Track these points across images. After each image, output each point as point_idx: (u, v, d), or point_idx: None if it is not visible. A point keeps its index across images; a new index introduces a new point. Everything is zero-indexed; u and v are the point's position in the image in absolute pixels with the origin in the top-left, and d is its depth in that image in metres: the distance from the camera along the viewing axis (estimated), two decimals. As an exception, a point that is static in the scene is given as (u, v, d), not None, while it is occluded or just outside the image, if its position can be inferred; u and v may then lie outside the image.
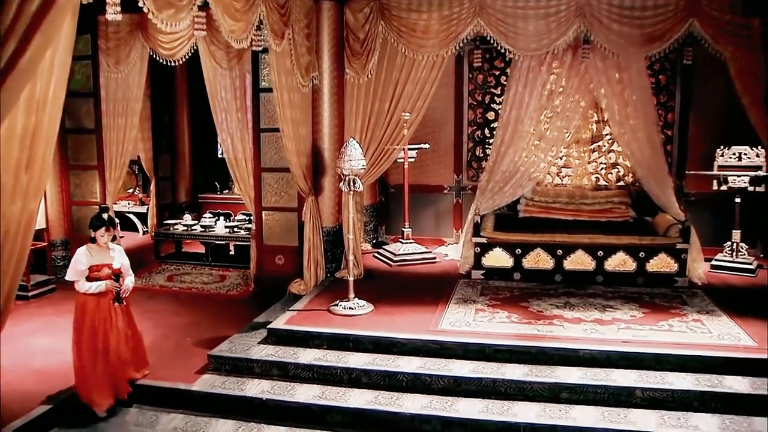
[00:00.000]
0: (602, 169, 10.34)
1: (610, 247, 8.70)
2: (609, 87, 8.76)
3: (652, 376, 6.27)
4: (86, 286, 6.11)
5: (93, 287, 6.12)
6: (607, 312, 7.61)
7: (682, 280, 8.65)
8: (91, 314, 6.14)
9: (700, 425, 5.76)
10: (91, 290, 6.11)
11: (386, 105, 8.36)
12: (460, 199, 10.80)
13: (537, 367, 6.44)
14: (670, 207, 8.96)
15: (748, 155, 9.28)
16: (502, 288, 8.52)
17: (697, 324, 7.25)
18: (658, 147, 8.99)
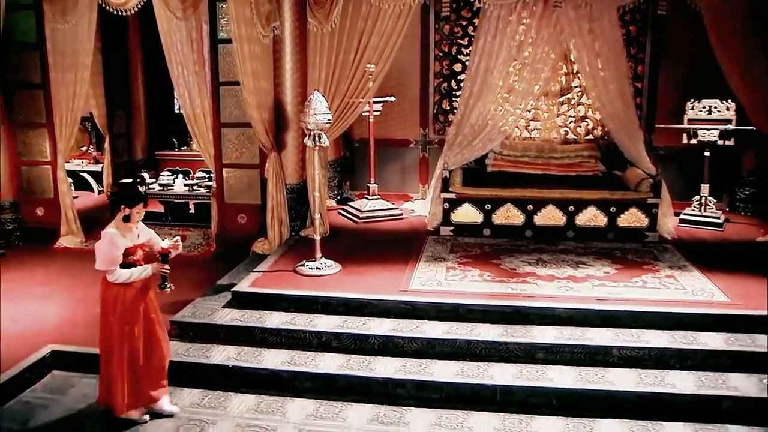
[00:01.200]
0: (571, 123, 10.16)
1: (581, 201, 8.56)
2: (580, 38, 8.49)
3: (628, 335, 6.17)
4: (125, 274, 5.03)
5: (135, 274, 5.08)
6: (580, 269, 7.48)
7: (652, 234, 8.57)
8: (131, 309, 5.13)
9: (677, 383, 5.70)
10: (134, 278, 5.08)
11: (351, 56, 7.99)
12: (427, 153, 10.55)
13: (512, 327, 6.29)
14: (641, 161, 8.82)
15: (719, 108, 9.18)
16: (473, 245, 8.34)
17: (670, 280, 7.17)
18: (629, 100, 8.80)
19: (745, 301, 6.60)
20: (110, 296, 5.10)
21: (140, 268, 5.12)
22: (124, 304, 5.09)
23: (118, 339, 5.11)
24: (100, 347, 5.26)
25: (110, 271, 5.03)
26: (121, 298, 5.09)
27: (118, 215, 5.09)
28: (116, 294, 5.08)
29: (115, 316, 5.10)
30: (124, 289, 5.09)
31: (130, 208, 5.05)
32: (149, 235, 5.29)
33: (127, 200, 5.08)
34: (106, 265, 5.02)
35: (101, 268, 5.04)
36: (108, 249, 4.99)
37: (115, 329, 5.11)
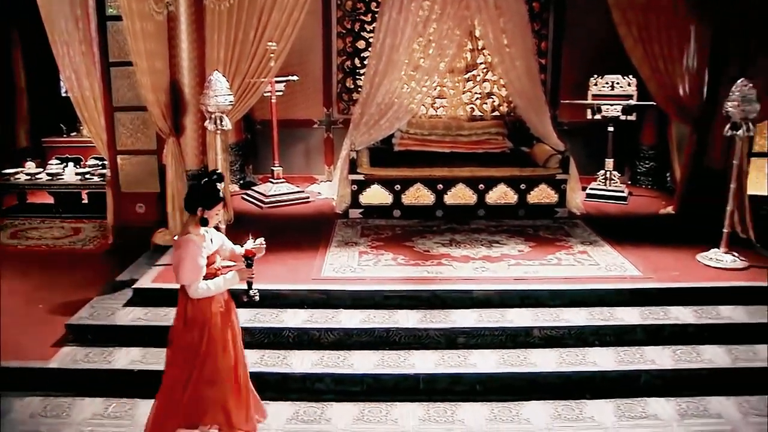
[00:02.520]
0: (477, 99, 10.06)
1: (491, 179, 8.49)
2: (486, 14, 8.36)
3: (547, 314, 6.15)
4: (212, 285, 4.30)
5: (222, 284, 4.35)
6: (494, 248, 7.40)
7: (562, 210, 8.61)
8: (223, 328, 4.42)
9: (597, 360, 5.72)
10: (222, 289, 4.38)
11: (251, 34, 7.54)
12: (331, 133, 10.22)
13: (431, 312, 6.13)
14: (549, 137, 8.83)
15: (621, 84, 9.30)
16: (383, 227, 8.13)
17: (583, 256, 7.19)
18: (535, 76, 8.78)
19: (656, 274, 6.70)
20: (199, 316, 4.32)
21: (227, 277, 4.41)
22: (213, 322, 4.37)
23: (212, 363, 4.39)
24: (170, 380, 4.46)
25: (192, 286, 4.26)
26: (209, 316, 4.35)
27: (191, 219, 4.31)
28: (204, 311, 4.33)
29: (204, 337, 4.34)
30: (214, 301, 4.40)
31: (209, 210, 4.28)
32: (221, 239, 4.59)
33: (205, 201, 4.27)
34: (192, 277, 4.24)
35: (187, 281, 4.25)
36: (193, 259, 4.21)
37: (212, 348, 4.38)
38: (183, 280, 4.26)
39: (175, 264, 4.25)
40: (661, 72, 8.16)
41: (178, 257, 4.22)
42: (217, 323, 4.37)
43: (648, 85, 8.39)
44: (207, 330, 4.33)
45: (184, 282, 4.27)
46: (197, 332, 4.32)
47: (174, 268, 4.27)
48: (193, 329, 4.32)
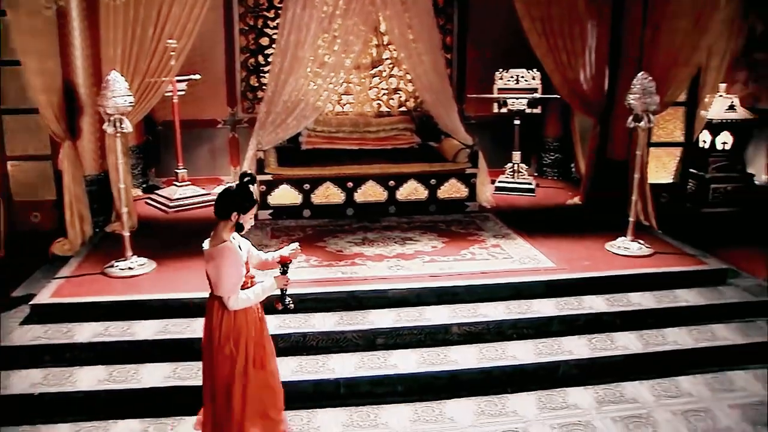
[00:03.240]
0: (384, 95, 9.98)
1: (401, 176, 8.42)
2: (392, 9, 8.28)
3: (465, 310, 6.12)
4: (251, 295, 4.12)
5: (261, 293, 4.17)
6: (407, 245, 7.34)
7: (472, 204, 8.64)
8: (259, 340, 4.24)
9: (517, 354, 5.73)
10: (261, 298, 4.19)
11: (150, 31, 7.16)
12: (236, 133, 9.89)
13: (348, 314, 5.99)
14: (458, 131, 8.84)
15: (526, 78, 9.41)
16: (294, 228, 7.94)
17: (497, 249, 7.22)
18: (442, 71, 8.76)
19: (568, 265, 6.79)
20: (236, 326, 4.10)
21: (265, 285, 4.19)
22: (251, 333, 4.16)
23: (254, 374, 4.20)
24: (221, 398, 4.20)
25: (232, 298, 4.04)
26: (248, 327, 4.15)
27: (224, 224, 4.06)
28: (240, 322, 4.12)
29: (242, 349, 4.13)
30: (250, 312, 4.17)
31: (244, 214, 4.06)
32: (248, 245, 4.31)
33: (241, 205, 4.04)
34: (234, 288, 4.03)
35: (229, 293, 4.03)
36: (233, 268, 4.01)
37: (251, 359, 4.18)
38: (224, 292, 4.03)
39: (215, 275, 4.03)
40: (564, 66, 8.30)
41: (217, 268, 4.00)
42: (252, 334, 4.18)
43: (552, 78, 8.52)
44: (244, 341, 4.13)
45: (225, 294, 4.03)
46: (235, 345, 4.11)
47: (213, 279, 4.05)
48: (230, 342, 4.10)
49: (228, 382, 4.14)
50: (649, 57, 8.11)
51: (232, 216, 4.02)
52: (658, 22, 8.00)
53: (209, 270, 4.06)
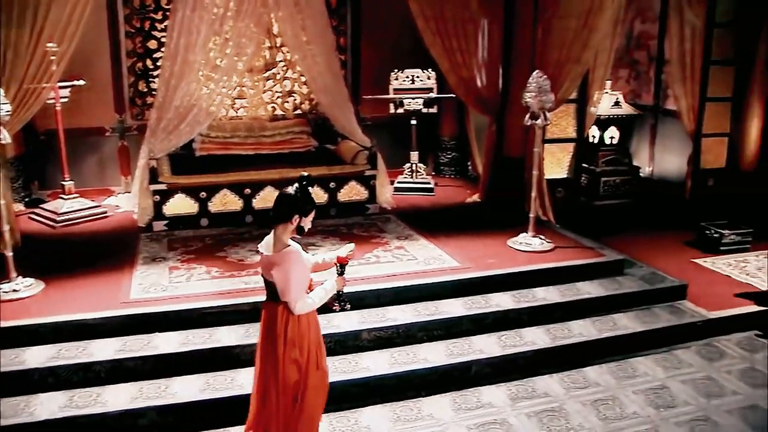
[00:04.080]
0: (278, 98, 9.75)
1: (301, 180, 8.23)
2: (284, 10, 8.09)
3: (373, 315, 6.03)
4: (315, 298, 4.08)
5: (324, 296, 4.12)
6: (310, 251, 7.03)
7: (372, 206, 8.57)
8: (318, 343, 4.21)
9: (429, 357, 5.69)
10: (324, 300, 4.14)
11: (26, 34, 6.67)
12: (126, 141, 9.40)
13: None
14: (355, 133, 8.74)
15: (421, 78, 9.44)
16: (192, 238, 7.62)
17: (401, 251, 7.17)
18: (338, 72, 8.65)
19: (473, 264, 6.82)
20: (300, 330, 4.04)
21: (327, 288, 4.15)
22: (312, 336, 4.14)
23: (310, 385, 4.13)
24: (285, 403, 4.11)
25: (301, 301, 3.98)
26: (311, 330, 4.12)
27: (284, 228, 3.99)
28: (303, 326, 4.07)
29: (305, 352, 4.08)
30: (309, 317, 4.10)
31: (305, 217, 4.00)
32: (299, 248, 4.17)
33: (302, 208, 3.97)
34: (301, 292, 4.00)
35: (296, 298, 3.97)
36: (301, 271, 3.99)
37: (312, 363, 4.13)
38: (293, 297, 3.97)
39: (282, 280, 3.94)
40: (459, 65, 8.36)
41: (285, 272, 3.93)
42: (313, 337, 4.17)
43: (448, 78, 8.57)
44: (307, 344, 4.10)
45: (294, 298, 3.97)
46: (300, 349, 4.07)
47: (281, 284, 3.96)
48: (296, 347, 4.05)
49: (296, 386, 4.09)
50: (541, 55, 8.26)
51: (293, 219, 3.96)
52: (549, 21, 8.16)
53: (275, 275, 3.97)
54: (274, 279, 3.98)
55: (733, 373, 5.85)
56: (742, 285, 7.19)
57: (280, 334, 4.03)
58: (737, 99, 9.47)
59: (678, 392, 5.52)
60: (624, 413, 5.23)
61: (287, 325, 4.02)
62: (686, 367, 5.94)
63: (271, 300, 4.09)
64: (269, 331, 4.08)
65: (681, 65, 9.08)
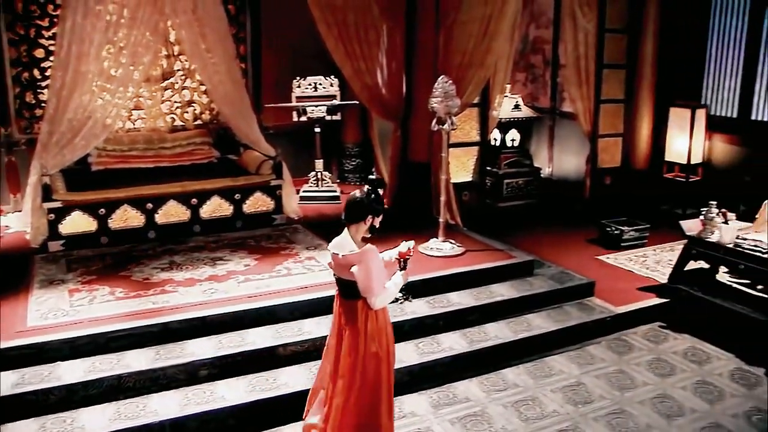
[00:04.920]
0: (177, 109, 9.41)
1: (204, 192, 8.00)
2: (182, 17, 7.81)
3: (288, 329, 5.91)
4: (390, 293, 4.27)
5: (395, 289, 4.32)
6: (219, 265, 6.96)
7: (279, 217, 8.42)
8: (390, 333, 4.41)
9: (348, 369, 5.56)
10: (395, 294, 4.34)
11: None
12: (14, 156, 8.81)
13: (165, 348, 5.53)
14: (259, 143, 8.55)
15: (324, 85, 9.34)
16: (92, 257, 7.22)
17: (312, 262, 7.06)
18: (239, 81, 8.44)
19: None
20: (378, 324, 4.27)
21: (396, 282, 4.34)
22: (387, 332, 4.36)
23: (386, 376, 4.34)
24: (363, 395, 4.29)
25: (380, 296, 4.18)
26: (384, 326, 4.32)
27: (356, 228, 4.23)
28: (381, 320, 4.30)
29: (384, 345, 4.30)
30: (384, 314, 4.34)
31: (377, 217, 4.25)
32: None
33: (375, 208, 4.23)
34: (381, 287, 4.18)
35: (377, 293, 4.16)
36: (380, 268, 4.17)
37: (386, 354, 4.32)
38: (375, 292, 4.15)
39: (364, 277, 4.12)
40: (363, 72, 8.31)
41: (366, 270, 4.11)
42: (389, 330, 4.40)
43: (351, 84, 8.50)
44: (385, 338, 4.32)
45: (375, 293, 4.16)
46: (379, 343, 4.27)
47: (363, 281, 4.13)
48: (375, 341, 4.25)
49: (376, 380, 4.28)
50: (444, 60, 8.33)
51: (366, 219, 4.19)
52: (451, 26, 8.23)
53: (357, 273, 4.13)
54: (356, 277, 4.13)
55: (642, 365, 6.06)
56: (643, 279, 7.49)
57: (361, 329, 4.22)
58: (629, 101, 9.86)
59: (593, 387, 5.66)
60: (544, 412, 5.31)
61: (367, 320, 4.22)
62: (599, 362, 6.10)
63: (348, 298, 4.26)
64: (350, 326, 4.26)
65: (576, 69, 9.36)
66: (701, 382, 5.76)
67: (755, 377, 5.87)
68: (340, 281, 4.30)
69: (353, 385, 4.27)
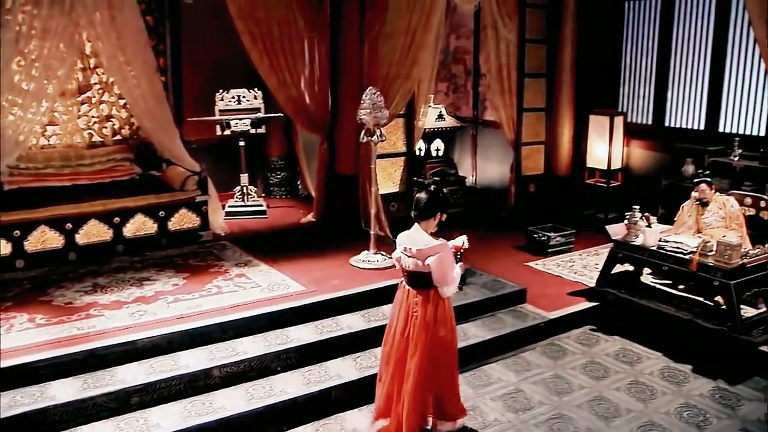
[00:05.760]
0: (95, 124, 9.02)
1: (127, 210, 7.72)
2: (99, 28, 7.51)
3: (223, 350, 5.73)
4: (456, 282, 4.74)
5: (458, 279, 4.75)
6: (146, 286, 6.73)
7: (206, 233, 8.22)
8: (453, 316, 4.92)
9: (287, 388, 5.50)
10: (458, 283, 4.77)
11: None
12: None
13: (93, 376, 5.27)
14: (183, 158, 8.31)
15: (247, 98, 9.19)
16: (8, 282, 6.82)
17: (242, 279, 6.91)
18: (161, 95, 8.17)
19: (319, 286, 6.70)
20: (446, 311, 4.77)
21: (457, 272, 4.72)
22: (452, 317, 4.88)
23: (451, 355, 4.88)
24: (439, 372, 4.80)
25: (452, 285, 4.68)
26: (450, 312, 4.83)
27: (427, 224, 4.69)
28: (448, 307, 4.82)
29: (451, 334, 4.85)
30: (449, 301, 4.83)
31: (445, 213, 4.75)
32: None
33: (444, 205, 4.76)
34: (453, 278, 4.66)
35: (451, 282, 4.65)
36: (452, 261, 4.67)
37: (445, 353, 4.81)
38: (449, 281, 4.62)
39: (441, 267, 4.55)
40: (288, 84, 8.20)
41: (442, 260, 4.55)
42: (453, 315, 4.87)
43: (277, 97, 8.37)
44: (450, 323, 4.80)
45: (449, 282, 4.62)
46: (445, 327, 4.74)
47: (440, 271, 4.55)
48: (446, 325, 4.73)
49: (444, 360, 4.78)
50: (369, 72, 8.31)
51: (436, 216, 4.67)
52: (376, 38, 8.23)
53: (433, 264, 4.53)
54: (432, 268, 4.54)
55: (577, 369, 6.17)
56: (572, 284, 7.64)
57: (431, 316, 4.64)
58: (550, 109, 10.08)
59: (532, 394, 5.72)
60: (486, 421, 5.32)
61: (437, 307, 4.66)
62: (535, 368, 6.17)
63: (420, 287, 4.67)
64: (421, 314, 4.64)
65: (499, 78, 9.51)
66: (634, 383, 5.90)
67: (683, 374, 6.06)
68: (412, 273, 4.67)
69: (424, 365, 4.64)
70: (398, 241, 4.76)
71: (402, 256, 4.71)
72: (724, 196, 7.20)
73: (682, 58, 9.17)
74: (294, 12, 8.07)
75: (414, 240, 4.62)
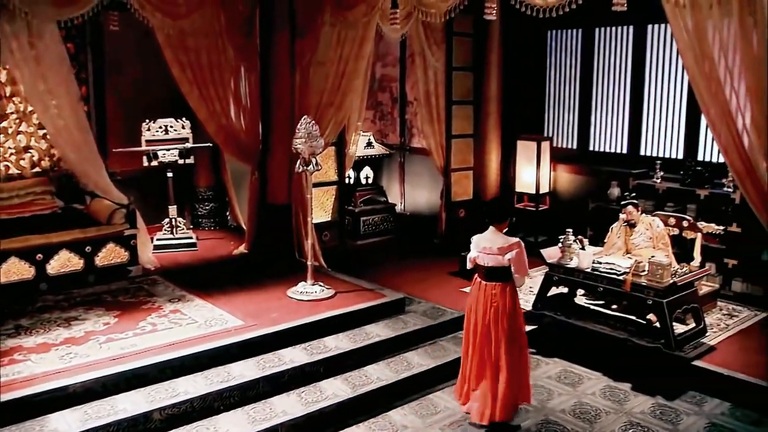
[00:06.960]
0: (12, 156, 8.59)
1: (51, 246, 7.36)
2: (18, 54, 7.17)
3: (161, 390, 5.49)
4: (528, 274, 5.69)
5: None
6: (74, 326, 6.41)
7: (135, 268, 7.94)
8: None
9: (231, 428, 5.29)
10: None
11: None
12: None
13: (21, 427, 4.95)
14: (110, 190, 8.01)
15: (175, 128, 8.98)
16: None
17: (177, 315, 6.70)
18: (85, 125, 7.85)
19: (257, 320, 6.55)
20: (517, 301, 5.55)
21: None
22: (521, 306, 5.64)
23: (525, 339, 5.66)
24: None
25: (525, 276, 5.54)
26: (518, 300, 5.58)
27: (500, 227, 5.49)
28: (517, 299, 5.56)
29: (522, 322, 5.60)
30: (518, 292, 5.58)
31: (514, 218, 5.74)
32: None
33: (513, 212, 5.95)
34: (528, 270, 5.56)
35: (527, 273, 5.54)
36: (525, 256, 5.44)
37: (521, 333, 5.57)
38: (526, 272, 5.51)
39: (521, 261, 5.40)
40: (218, 114, 8.06)
41: (521, 255, 5.40)
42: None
43: (207, 126, 8.22)
44: (520, 311, 5.60)
45: (526, 273, 5.51)
46: (519, 315, 5.55)
47: (520, 264, 5.41)
48: (518, 314, 5.53)
49: (520, 343, 5.53)
50: (300, 101, 8.25)
51: (507, 221, 5.56)
52: (307, 67, 8.18)
53: (513, 258, 5.36)
54: (512, 261, 5.36)
55: (521, 392, 6.17)
56: (509, 309, 7.66)
57: (510, 305, 5.42)
58: (477, 135, 10.23)
59: (479, 421, 5.70)
60: (435, 452, 5.28)
61: (513, 297, 5.47)
62: (479, 395, 6.15)
63: (498, 280, 5.43)
64: (501, 303, 5.41)
65: (428, 106, 9.59)
66: (578, 404, 5.96)
67: (623, 392, 6.17)
68: (491, 269, 5.42)
69: (516, 343, 5.45)
70: (474, 243, 5.56)
71: (480, 255, 5.47)
72: (650, 217, 7.46)
73: (604, 86, 9.50)
74: (224, 40, 7.94)
75: (492, 241, 5.42)
